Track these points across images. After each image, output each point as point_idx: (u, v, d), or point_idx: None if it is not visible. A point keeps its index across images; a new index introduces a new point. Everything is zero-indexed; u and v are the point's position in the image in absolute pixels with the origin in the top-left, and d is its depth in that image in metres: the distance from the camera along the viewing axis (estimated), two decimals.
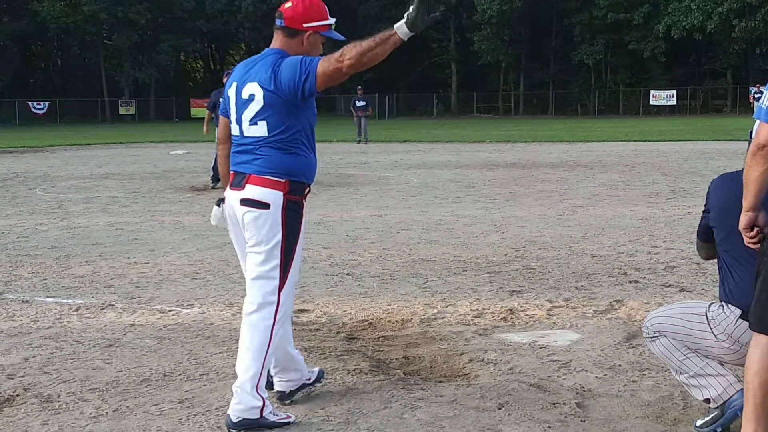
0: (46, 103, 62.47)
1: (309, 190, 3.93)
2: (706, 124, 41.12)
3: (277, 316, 3.85)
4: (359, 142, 30.34)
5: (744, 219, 3.27)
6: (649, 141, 28.97)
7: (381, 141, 31.30)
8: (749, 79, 57.61)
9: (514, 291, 6.68)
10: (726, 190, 3.78)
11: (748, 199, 3.23)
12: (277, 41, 3.89)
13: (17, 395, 4.38)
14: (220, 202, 4.03)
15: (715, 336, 3.68)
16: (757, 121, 3.17)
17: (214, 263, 8.00)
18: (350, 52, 3.57)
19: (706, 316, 3.72)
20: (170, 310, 6.19)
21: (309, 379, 4.27)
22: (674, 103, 61.82)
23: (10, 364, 4.91)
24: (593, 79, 67.08)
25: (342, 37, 3.92)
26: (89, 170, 20.21)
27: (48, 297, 6.69)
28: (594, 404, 4.15)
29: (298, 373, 4.20)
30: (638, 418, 3.97)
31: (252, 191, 3.78)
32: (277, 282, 3.84)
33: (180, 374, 4.67)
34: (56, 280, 7.38)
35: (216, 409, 4.14)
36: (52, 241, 9.48)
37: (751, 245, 3.30)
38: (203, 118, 17.48)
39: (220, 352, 5.08)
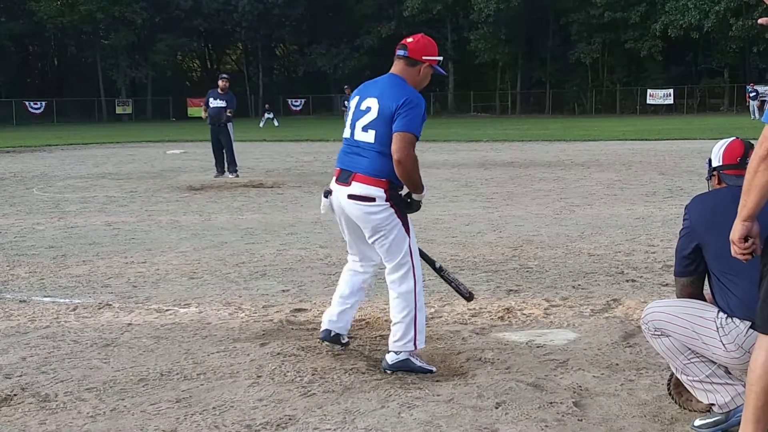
0: (43, 103, 62.40)
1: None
2: (703, 122, 41.14)
3: (416, 277, 4.60)
4: None
5: (739, 228, 3.09)
6: (646, 140, 28.97)
7: None
8: (746, 78, 57.64)
9: (511, 290, 6.68)
10: (709, 206, 3.66)
11: (747, 207, 3.03)
12: (398, 68, 4.64)
13: (15, 395, 4.38)
14: (328, 194, 4.70)
15: (724, 345, 3.58)
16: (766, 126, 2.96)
17: (211, 262, 8.00)
18: (414, 165, 4.51)
19: (716, 322, 3.60)
20: (167, 310, 6.20)
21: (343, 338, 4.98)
22: (671, 102, 61.80)
23: (7, 363, 4.91)
24: (590, 78, 67.09)
25: (444, 72, 4.89)
26: (86, 170, 20.19)
27: (45, 297, 6.69)
28: (591, 403, 4.15)
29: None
30: (635, 416, 3.98)
31: (357, 188, 4.53)
32: (406, 247, 4.58)
33: (177, 374, 4.68)
34: (53, 279, 7.38)
35: (213, 408, 4.14)
36: (49, 241, 9.48)
37: (739, 257, 3.13)
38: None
39: (217, 352, 5.08)
